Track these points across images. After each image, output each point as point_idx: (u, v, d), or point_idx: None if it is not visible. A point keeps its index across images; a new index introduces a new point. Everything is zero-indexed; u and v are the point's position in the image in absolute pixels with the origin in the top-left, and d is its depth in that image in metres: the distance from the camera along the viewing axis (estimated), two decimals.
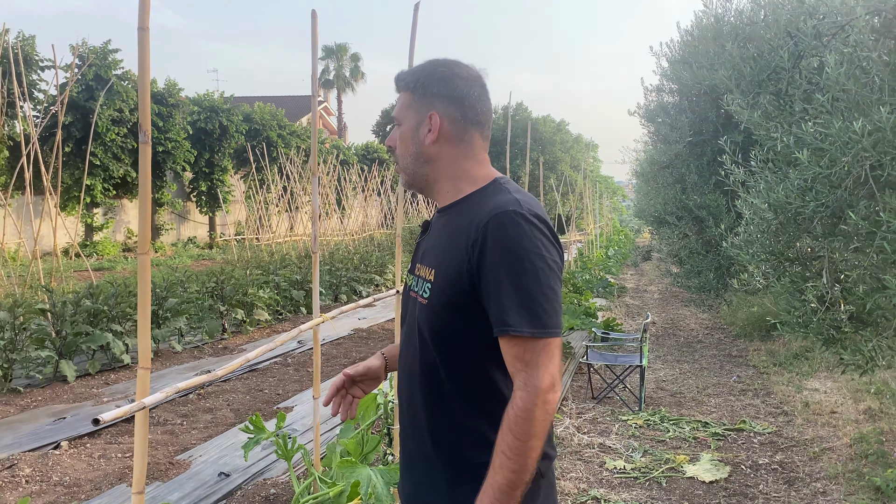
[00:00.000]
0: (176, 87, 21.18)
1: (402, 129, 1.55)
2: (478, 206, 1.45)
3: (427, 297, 1.47)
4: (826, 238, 3.76)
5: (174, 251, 21.47)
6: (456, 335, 1.43)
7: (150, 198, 1.81)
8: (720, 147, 8.33)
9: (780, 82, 3.51)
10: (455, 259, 1.42)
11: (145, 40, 1.72)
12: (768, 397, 6.13)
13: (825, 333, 3.99)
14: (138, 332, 1.74)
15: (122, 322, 6.98)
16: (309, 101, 39.33)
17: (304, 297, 10.49)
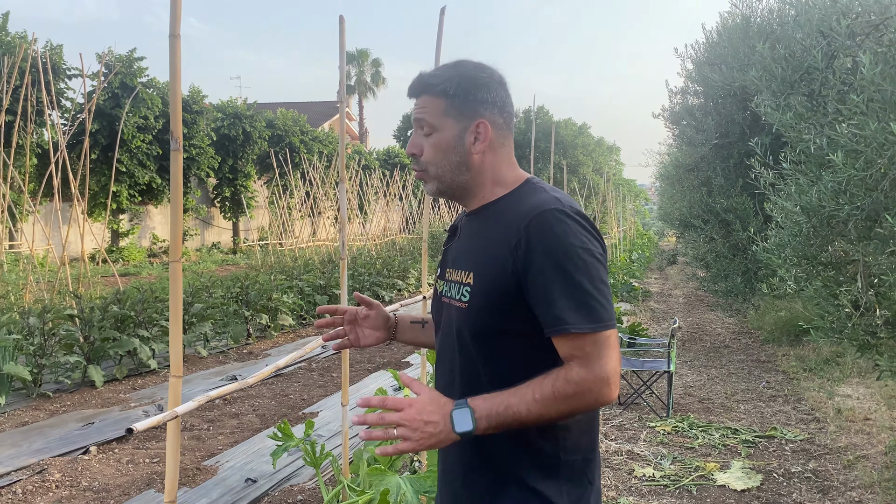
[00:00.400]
0: (200, 94, 21.39)
1: (440, 138, 1.48)
2: (516, 207, 1.45)
3: (467, 301, 1.45)
4: (861, 242, 3.68)
5: (199, 256, 21.66)
6: (499, 337, 1.42)
7: (182, 205, 1.81)
8: (747, 149, 8.25)
9: (813, 83, 3.45)
10: (497, 260, 1.41)
11: (177, 47, 1.71)
12: (799, 404, 6.02)
13: (860, 339, 3.90)
14: (170, 340, 1.73)
15: (149, 327, 7.04)
16: (332, 107, 39.57)
17: (327, 301, 10.51)
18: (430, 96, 1.49)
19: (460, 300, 1.47)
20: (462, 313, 1.45)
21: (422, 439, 1.31)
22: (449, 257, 1.59)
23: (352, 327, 1.78)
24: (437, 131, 1.48)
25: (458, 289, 1.49)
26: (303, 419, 5.45)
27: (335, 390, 6.39)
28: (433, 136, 1.49)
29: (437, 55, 3.34)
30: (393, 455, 1.33)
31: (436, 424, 1.30)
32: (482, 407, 1.31)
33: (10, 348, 5.83)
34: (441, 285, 1.58)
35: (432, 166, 1.50)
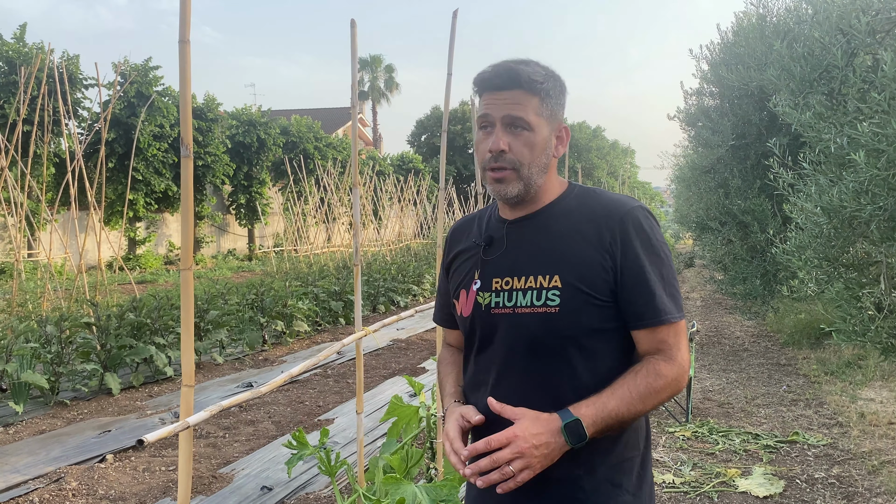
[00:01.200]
0: (215, 101, 21.53)
1: (536, 138, 1.43)
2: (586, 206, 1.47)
3: (557, 304, 1.41)
4: (884, 243, 3.60)
5: (214, 263, 21.77)
6: (588, 337, 1.42)
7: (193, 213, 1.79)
8: (765, 150, 8.15)
9: (833, 81, 3.38)
10: (590, 259, 1.41)
11: (186, 53, 1.70)
12: (821, 408, 5.93)
13: (884, 342, 3.82)
14: (182, 349, 1.71)
15: (165, 335, 7.05)
16: (346, 113, 39.69)
17: (342, 307, 10.51)
18: (526, 93, 1.42)
19: (545, 305, 1.41)
20: (548, 319, 1.41)
21: (539, 464, 1.32)
22: (496, 267, 1.50)
23: None
24: (532, 130, 1.43)
25: (537, 294, 1.43)
26: (318, 426, 5.43)
27: (350, 397, 6.36)
28: (527, 134, 1.43)
29: (449, 58, 3.31)
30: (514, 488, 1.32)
31: (548, 444, 1.31)
32: (588, 415, 1.33)
33: (28, 357, 5.85)
34: (487, 297, 1.49)
35: (525, 167, 1.44)
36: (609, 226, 1.41)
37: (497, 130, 1.43)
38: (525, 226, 1.50)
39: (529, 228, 1.50)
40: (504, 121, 1.43)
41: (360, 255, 2.75)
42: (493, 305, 1.48)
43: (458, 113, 38.12)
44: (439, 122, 38.78)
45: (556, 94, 1.46)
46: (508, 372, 1.46)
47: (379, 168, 25.44)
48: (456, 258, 1.63)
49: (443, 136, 3.34)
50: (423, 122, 39.06)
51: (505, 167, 1.44)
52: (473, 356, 1.56)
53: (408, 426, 3.82)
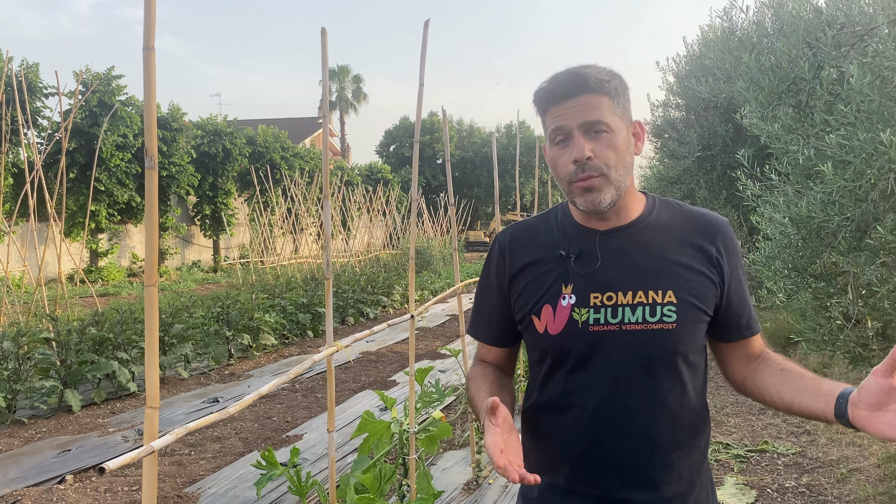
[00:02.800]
0: (179, 111, 21.23)
1: (617, 138, 1.37)
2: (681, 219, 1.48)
3: (674, 320, 1.38)
4: (851, 253, 3.65)
5: (178, 275, 21.41)
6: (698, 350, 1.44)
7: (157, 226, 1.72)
8: (731, 161, 8.27)
9: (800, 94, 3.42)
10: (702, 275, 1.42)
11: (151, 60, 1.63)
12: (788, 416, 5.98)
13: (852, 351, 3.86)
14: (146, 368, 1.64)
15: (128, 349, 6.88)
16: (313, 123, 39.48)
17: (310, 320, 10.37)
18: (596, 94, 1.36)
19: (660, 322, 1.37)
20: (664, 335, 1.37)
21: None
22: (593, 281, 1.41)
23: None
24: (612, 131, 1.37)
25: (650, 310, 1.38)
26: (287, 442, 5.32)
27: (319, 412, 6.26)
28: (607, 136, 1.37)
29: (421, 68, 3.28)
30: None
31: None
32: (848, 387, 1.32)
33: None
34: (585, 314, 1.39)
35: (613, 170, 1.37)
36: (713, 240, 1.44)
37: (577, 138, 1.36)
38: (622, 237, 1.44)
39: (627, 240, 1.43)
40: (582, 127, 1.36)
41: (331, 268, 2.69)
42: (591, 322, 1.39)
43: (427, 124, 38.16)
44: (408, 133, 38.79)
45: (623, 91, 1.41)
46: (617, 392, 1.39)
47: (347, 178, 25.32)
48: (525, 270, 1.49)
49: (415, 146, 3.30)
50: (391, 132, 39.04)
51: (593, 174, 1.36)
52: (561, 376, 1.44)
53: (379, 442, 3.75)
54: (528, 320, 1.47)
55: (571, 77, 1.38)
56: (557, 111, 1.38)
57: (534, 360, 1.52)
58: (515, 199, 43.95)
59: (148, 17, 1.63)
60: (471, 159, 36.53)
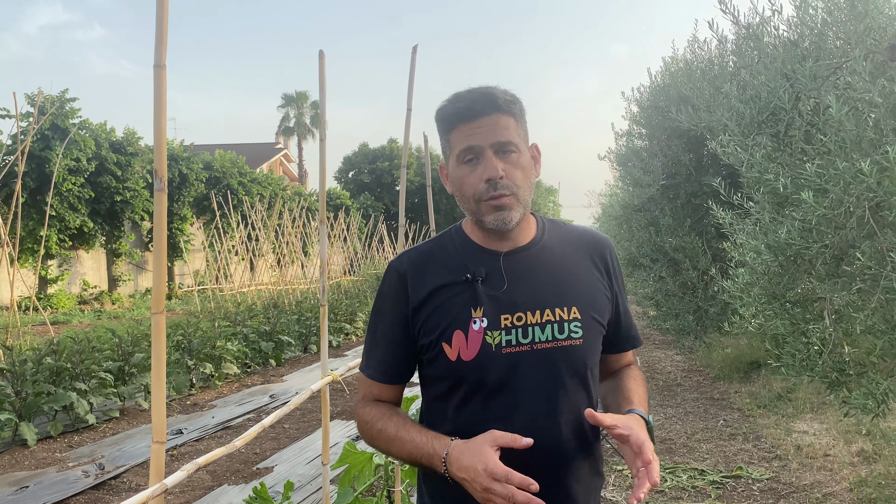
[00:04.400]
0: (135, 135, 20.86)
1: (523, 158, 1.41)
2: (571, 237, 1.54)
3: (581, 336, 1.43)
4: (829, 279, 3.71)
5: (132, 303, 20.86)
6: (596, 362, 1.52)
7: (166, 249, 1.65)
8: (694, 189, 8.44)
9: (779, 124, 3.50)
10: (599, 290, 1.49)
11: (162, 78, 1.58)
12: (759, 441, 6.04)
13: (830, 376, 3.92)
14: (152, 399, 1.55)
15: (87, 380, 6.62)
16: (270, 148, 39.17)
17: (272, 348, 10.16)
18: (504, 115, 1.38)
19: (568, 338, 1.41)
20: (573, 350, 1.42)
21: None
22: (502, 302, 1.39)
23: None
24: (519, 152, 1.40)
25: (558, 328, 1.40)
26: (258, 475, 5.16)
27: (288, 443, 6.10)
28: (515, 156, 1.39)
29: (409, 93, 3.26)
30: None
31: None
32: (646, 410, 1.53)
33: None
34: (497, 336, 1.38)
35: (521, 189, 1.40)
36: (602, 256, 1.52)
37: (489, 157, 1.36)
38: (524, 257, 1.45)
39: (529, 260, 1.45)
40: (493, 147, 1.37)
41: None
42: (504, 344, 1.38)
43: (387, 150, 38.19)
44: (367, 159, 38.74)
45: (524, 114, 1.45)
46: (536, 412, 1.39)
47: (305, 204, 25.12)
48: (431, 296, 1.43)
49: (402, 171, 3.27)
50: (350, 158, 38.94)
51: (505, 193, 1.37)
52: (478, 403, 1.40)
53: (360, 474, 3.66)
54: (438, 348, 1.41)
55: (481, 96, 1.38)
56: (467, 130, 1.37)
57: (440, 392, 1.46)
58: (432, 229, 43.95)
59: (160, 34, 1.57)
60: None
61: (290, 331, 11.08)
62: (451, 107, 1.40)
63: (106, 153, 19.35)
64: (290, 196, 25.91)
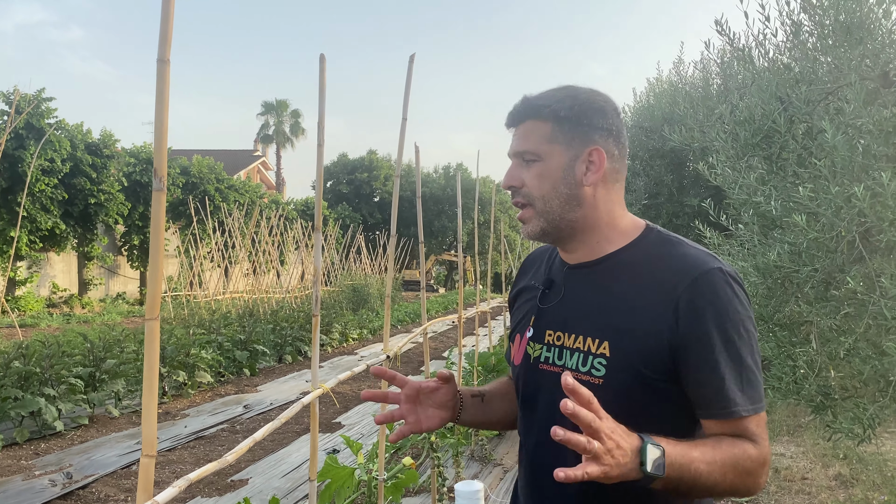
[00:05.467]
0: (112, 137, 20.56)
1: (546, 166, 1.28)
2: (656, 261, 1.25)
3: (602, 376, 1.21)
4: (818, 303, 3.72)
5: (102, 307, 20.49)
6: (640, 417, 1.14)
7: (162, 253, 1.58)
8: (676, 210, 8.48)
9: (773, 146, 3.51)
10: (647, 328, 1.19)
11: (166, 73, 1.51)
12: None
13: (816, 401, 3.92)
14: (143, 409, 1.48)
15: (56, 385, 6.44)
16: (248, 155, 38.88)
17: (247, 357, 10.01)
18: (536, 120, 1.30)
19: (590, 374, 1.23)
20: (594, 390, 1.12)
21: (611, 467, 1.02)
22: (551, 317, 1.33)
23: (411, 407, 1.41)
24: (542, 159, 1.29)
25: (583, 359, 1.25)
26: (232, 487, 5.03)
27: (262, 455, 5.98)
28: (537, 164, 1.29)
29: (404, 102, 3.21)
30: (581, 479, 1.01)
31: (624, 452, 1.03)
32: (671, 453, 1.07)
33: None
34: (538, 350, 1.33)
35: (539, 200, 1.30)
36: (678, 289, 1.18)
37: (509, 167, 1.34)
38: (585, 274, 1.32)
39: (589, 278, 1.31)
40: (515, 156, 1.33)
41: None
42: (542, 360, 1.32)
43: (366, 162, 38.12)
44: (346, 170, 38.61)
45: (578, 116, 1.28)
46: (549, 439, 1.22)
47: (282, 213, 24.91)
48: (520, 295, 1.49)
49: (395, 180, 3.21)
50: (329, 168, 38.78)
51: (521, 202, 1.33)
52: (520, 411, 1.41)
53: (341, 489, 3.58)
54: (509, 346, 1.47)
55: (519, 103, 1.34)
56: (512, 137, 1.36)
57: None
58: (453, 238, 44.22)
59: (165, 28, 1.51)
60: (409, 198, 36.52)
61: (266, 340, 10.92)
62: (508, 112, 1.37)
63: (81, 154, 19.05)
64: (266, 204, 25.71)
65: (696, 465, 1.10)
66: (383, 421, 1.41)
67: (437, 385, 1.41)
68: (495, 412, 1.51)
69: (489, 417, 1.51)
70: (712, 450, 1.13)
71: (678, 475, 1.09)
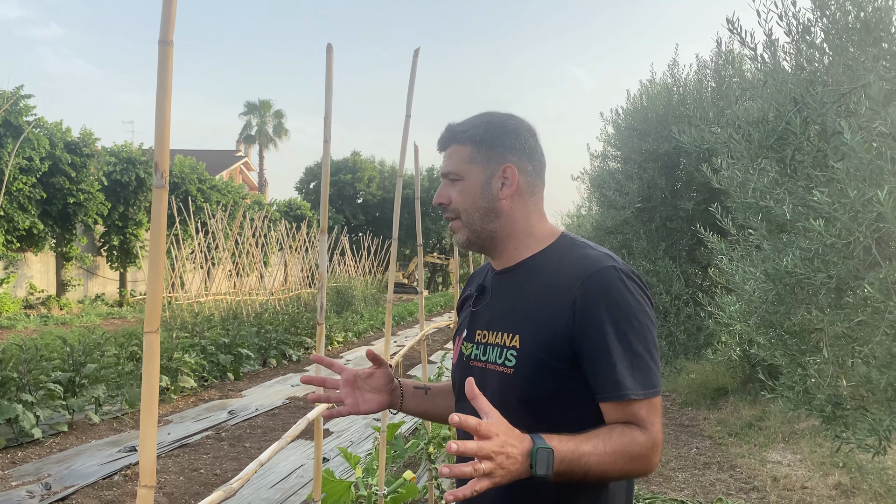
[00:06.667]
0: (92, 136, 20.18)
1: (467, 184, 1.46)
2: (562, 262, 1.41)
3: (513, 366, 1.38)
4: (831, 310, 3.61)
5: (81, 309, 20.10)
6: (548, 403, 1.35)
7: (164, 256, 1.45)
8: (669, 214, 8.39)
9: (786, 148, 3.40)
10: (550, 321, 1.35)
11: (168, 55, 1.36)
12: (734, 471, 5.94)
13: (826, 410, 3.81)
14: (141, 432, 1.32)
15: (34, 391, 6.21)
16: (230, 156, 38.48)
17: (231, 361, 9.79)
18: (458, 145, 1.48)
19: (504, 365, 1.39)
20: (507, 379, 1.38)
21: (502, 476, 1.14)
22: (480, 318, 1.50)
23: (350, 390, 1.56)
24: (463, 178, 1.47)
25: (500, 352, 1.41)
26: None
27: (250, 463, 5.78)
28: (460, 182, 1.47)
29: (408, 99, 3.07)
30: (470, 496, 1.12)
31: (515, 460, 1.15)
32: (560, 450, 1.20)
33: None
34: (469, 348, 1.50)
35: (463, 213, 1.47)
36: (572, 286, 1.34)
37: (440, 186, 1.51)
38: (507, 278, 1.49)
39: (512, 280, 1.48)
40: (443, 177, 1.51)
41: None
42: (472, 357, 1.49)
43: (350, 163, 37.87)
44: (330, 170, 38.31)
45: (492, 138, 1.45)
46: None
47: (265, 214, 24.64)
48: (464, 303, 1.65)
49: (398, 181, 3.07)
50: (312, 169, 38.49)
51: (451, 217, 1.49)
52: (455, 403, 1.55)
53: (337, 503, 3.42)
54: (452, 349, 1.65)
55: (445, 132, 1.51)
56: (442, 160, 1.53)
57: None
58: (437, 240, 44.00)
59: (168, 7, 1.35)
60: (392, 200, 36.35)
61: (250, 343, 10.71)
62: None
63: (60, 153, 18.67)
64: (249, 205, 25.43)
65: (587, 459, 1.22)
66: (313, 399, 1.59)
67: (373, 370, 1.57)
68: (440, 406, 1.65)
69: (433, 410, 1.66)
70: (603, 442, 1.25)
71: (568, 469, 1.21)
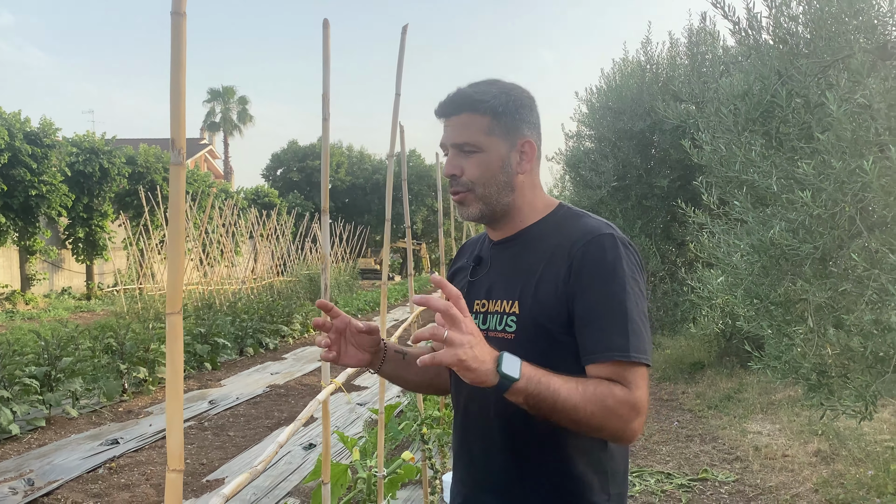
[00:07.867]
0: (52, 126, 19.67)
1: (485, 157, 1.43)
2: (560, 231, 1.43)
3: (513, 331, 1.40)
4: (816, 280, 3.67)
5: (48, 303, 19.70)
6: (550, 367, 1.30)
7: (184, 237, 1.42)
8: (644, 192, 8.46)
9: (773, 121, 3.43)
10: (547, 284, 1.37)
11: (181, 26, 1.31)
12: (717, 442, 6.05)
13: (812, 378, 3.88)
14: (167, 418, 1.29)
15: (9, 386, 6.07)
16: (195, 144, 37.85)
17: (208, 351, 9.68)
18: (475, 114, 1.43)
19: (504, 331, 1.41)
20: (507, 344, 1.37)
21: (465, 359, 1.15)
22: (479, 288, 1.51)
23: (338, 337, 1.53)
24: (482, 150, 1.43)
25: (500, 319, 1.43)
26: (209, 488, 4.80)
27: (235, 452, 5.74)
28: (478, 155, 1.44)
29: (398, 77, 3.04)
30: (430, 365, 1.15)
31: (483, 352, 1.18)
32: (528, 368, 1.23)
33: None
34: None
35: (479, 186, 1.45)
36: (569, 252, 1.37)
37: (450, 156, 1.46)
38: (506, 247, 1.50)
39: (511, 249, 1.49)
40: (454, 146, 1.45)
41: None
42: None
43: (317, 148, 37.46)
44: (297, 157, 37.93)
45: (513, 110, 1.44)
46: (474, 397, 1.45)
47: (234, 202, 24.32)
48: (456, 274, 1.65)
49: (389, 161, 3.03)
50: (279, 156, 38.06)
51: (461, 190, 1.46)
52: (452, 377, 1.55)
53: (335, 486, 3.41)
54: None
55: (455, 96, 1.46)
56: (444, 126, 1.48)
57: None
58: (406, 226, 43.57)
59: None
60: (361, 186, 36.14)
61: (226, 333, 10.59)
62: (439, 104, 1.49)
63: (20, 144, 18.17)
64: (216, 193, 25.06)
65: (555, 386, 1.23)
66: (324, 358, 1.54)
67: (366, 328, 1.53)
68: (414, 373, 1.62)
69: (407, 376, 1.64)
70: (576, 381, 1.26)
71: (536, 391, 1.21)
